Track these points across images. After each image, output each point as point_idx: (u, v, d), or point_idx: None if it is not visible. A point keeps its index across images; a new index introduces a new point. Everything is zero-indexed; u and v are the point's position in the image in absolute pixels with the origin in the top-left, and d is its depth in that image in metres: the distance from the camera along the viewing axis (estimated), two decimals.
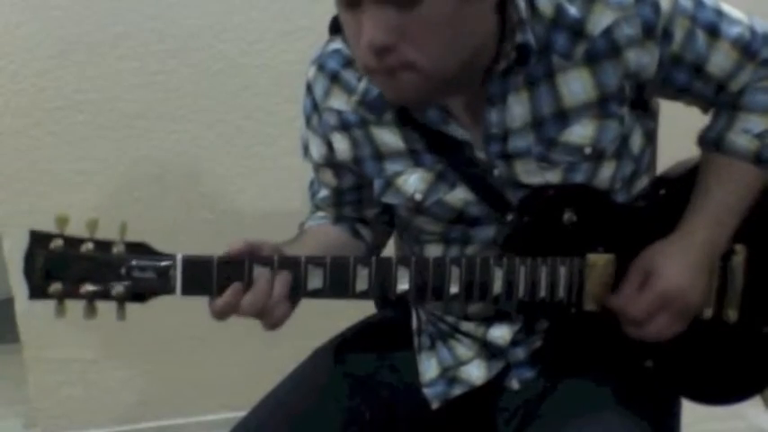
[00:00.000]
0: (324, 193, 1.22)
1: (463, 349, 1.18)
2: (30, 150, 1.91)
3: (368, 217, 1.23)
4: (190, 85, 1.92)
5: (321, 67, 1.12)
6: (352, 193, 1.19)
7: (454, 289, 1.04)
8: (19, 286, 1.00)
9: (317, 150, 1.17)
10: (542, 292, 1.07)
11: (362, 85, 1.09)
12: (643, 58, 1.01)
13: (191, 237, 2.00)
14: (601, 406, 1.08)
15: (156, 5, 1.86)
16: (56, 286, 0.95)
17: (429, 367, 1.19)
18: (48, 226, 0.96)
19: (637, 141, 1.10)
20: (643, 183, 1.14)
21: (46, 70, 1.87)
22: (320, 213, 1.25)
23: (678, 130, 1.14)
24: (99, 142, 1.93)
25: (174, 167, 1.97)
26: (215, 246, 2.09)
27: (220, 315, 0.99)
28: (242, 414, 1.17)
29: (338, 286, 1.01)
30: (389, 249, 1.30)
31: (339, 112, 1.11)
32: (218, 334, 1.98)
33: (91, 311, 0.97)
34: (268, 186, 1.99)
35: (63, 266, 0.96)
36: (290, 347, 1.32)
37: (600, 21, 1.00)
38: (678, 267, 1.05)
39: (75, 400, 2.10)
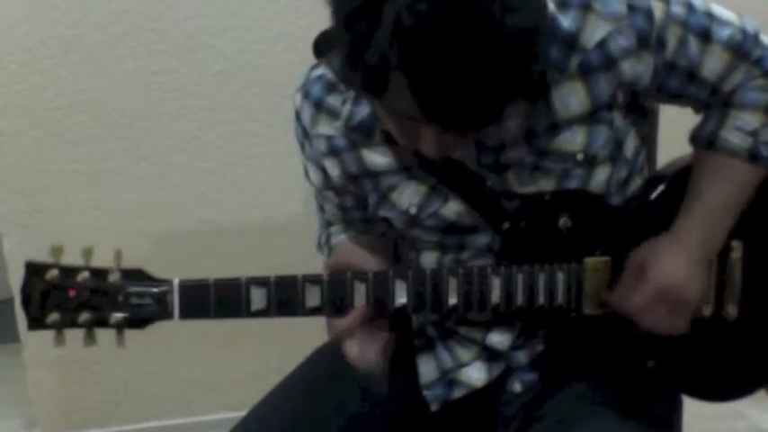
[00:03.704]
0: (332, 210, 1.22)
1: (463, 351, 1.18)
2: (30, 150, 1.90)
3: (377, 233, 1.21)
4: (190, 85, 1.92)
5: (306, 94, 1.12)
6: (357, 211, 1.19)
7: (453, 300, 1.04)
8: (19, 286, 1.00)
9: (314, 176, 1.17)
10: (541, 299, 1.07)
11: (347, 109, 1.08)
12: (638, 68, 1.01)
13: (190, 237, 2.00)
14: (602, 408, 1.08)
15: (156, 5, 1.86)
16: (54, 316, 0.97)
17: (428, 369, 1.19)
18: (47, 226, 0.96)
19: (631, 145, 1.10)
20: (637, 184, 1.14)
21: (46, 70, 1.86)
22: (335, 228, 1.24)
23: (678, 131, 1.13)
24: (99, 142, 1.92)
25: (174, 167, 1.97)
26: (214, 246, 2.09)
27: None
28: (242, 414, 1.17)
29: (336, 303, 1.02)
30: None
31: (328, 138, 1.11)
32: (218, 334, 1.98)
33: (90, 339, 0.98)
34: (268, 186, 1.99)
35: (60, 297, 0.97)
36: (290, 347, 1.31)
37: (594, 33, 0.99)
38: (673, 261, 1.05)
39: (75, 400, 2.10)
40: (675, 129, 1.16)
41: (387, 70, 0.82)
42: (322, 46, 0.93)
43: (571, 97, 1.01)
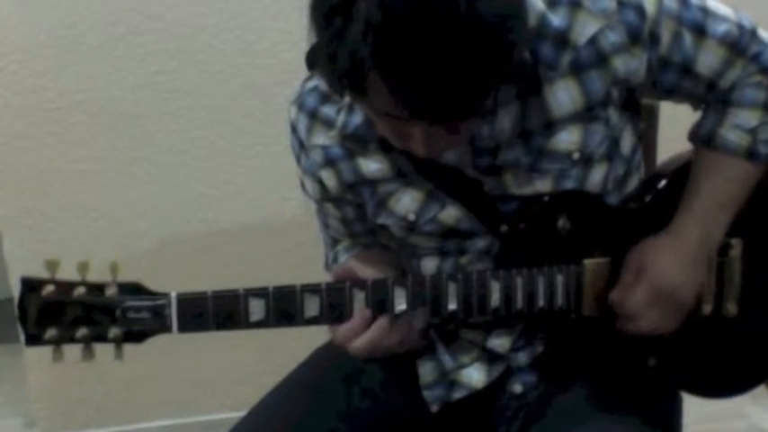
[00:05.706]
0: (335, 224, 1.21)
1: (463, 352, 1.18)
2: (30, 150, 1.90)
3: (382, 243, 1.20)
4: (190, 85, 1.92)
5: (301, 106, 1.12)
6: (359, 222, 1.18)
7: (452, 305, 1.04)
8: (19, 286, 0.99)
9: (311, 188, 1.16)
10: (541, 302, 1.07)
11: (341, 119, 1.08)
12: (631, 64, 1.01)
13: (190, 237, 2.00)
14: (603, 409, 1.08)
15: (156, 5, 1.86)
16: (51, 332, 0.96)
17: (428, 370, 1.19)
18: (47, 226, 0.95)
19: (627, 142, 1.10)
20: (634, 182, 1.14)
21: (46, 70, 1.86)
22: (341, 247, 1.23)
23: (678, 130, 1.13)
24: (99, 142, 1.93)
25: (173, 167, 1.97)
26: (214, 246, 2.08)
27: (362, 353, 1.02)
28: (242, 414, 1.17)
29: (335, 311, 1.01)
30: None
31: (324, 148, 1.11)
32: (217, 334, 1.98)
33: (88, 354, 0.97)
34: (268, 186, 1.99)
35: (57, 312, 0.96)
36: (290, 348, 1.31)
37: (584, 30, 0.99)
38: (669, 262, 1.05)
39: (75, 400, 2.10)
40: (675, 128, 1.16)
41: (363, 71, 0.82)
42: (313, 57, 0.92)
43: (564, 95, 1.01)
